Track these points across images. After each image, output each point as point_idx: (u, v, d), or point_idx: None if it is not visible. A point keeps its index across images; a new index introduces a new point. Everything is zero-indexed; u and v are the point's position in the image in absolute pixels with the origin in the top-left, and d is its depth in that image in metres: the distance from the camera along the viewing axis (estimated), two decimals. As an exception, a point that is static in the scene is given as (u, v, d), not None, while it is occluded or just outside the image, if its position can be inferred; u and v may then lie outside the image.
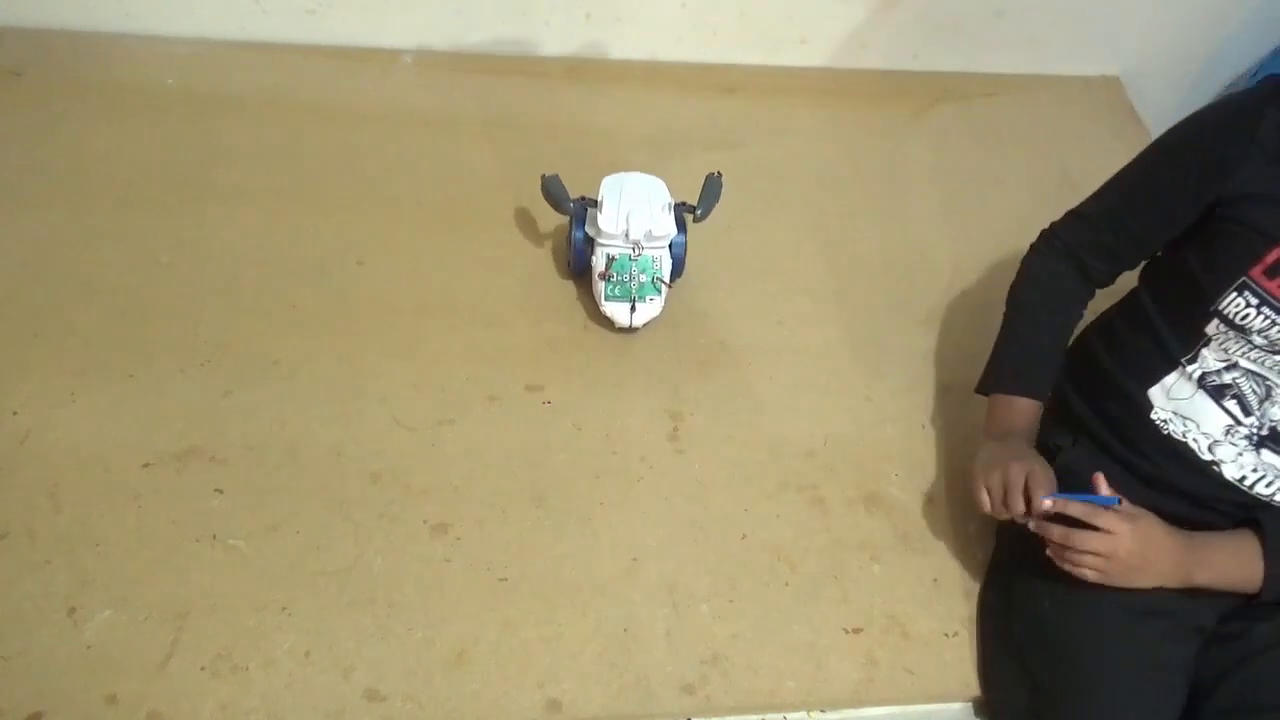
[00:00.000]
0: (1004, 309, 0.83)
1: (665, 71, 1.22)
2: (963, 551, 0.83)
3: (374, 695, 0.69)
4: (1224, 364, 0.66)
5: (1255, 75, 1.30)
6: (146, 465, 0.79)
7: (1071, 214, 0.81)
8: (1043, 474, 0.70)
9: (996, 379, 0.80)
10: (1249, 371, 0.65)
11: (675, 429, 0.88)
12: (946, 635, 0.78)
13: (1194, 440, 0.68)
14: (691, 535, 0.81)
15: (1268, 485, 0.67)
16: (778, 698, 0.73)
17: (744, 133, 1.17)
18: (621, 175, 0.91)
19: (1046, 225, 0.85)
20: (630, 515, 0.81)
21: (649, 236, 0.87)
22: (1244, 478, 0.68)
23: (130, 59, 1.12)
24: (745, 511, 0.83)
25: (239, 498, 0.78)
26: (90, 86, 1.09)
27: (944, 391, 0.95)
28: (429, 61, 1.19)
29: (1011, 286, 0.83)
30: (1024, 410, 0.77)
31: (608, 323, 0.93)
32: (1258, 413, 0.65)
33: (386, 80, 1.17)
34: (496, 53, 1.21)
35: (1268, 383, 0.65)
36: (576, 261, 0.94)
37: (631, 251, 0.88)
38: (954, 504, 0.86)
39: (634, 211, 0.87)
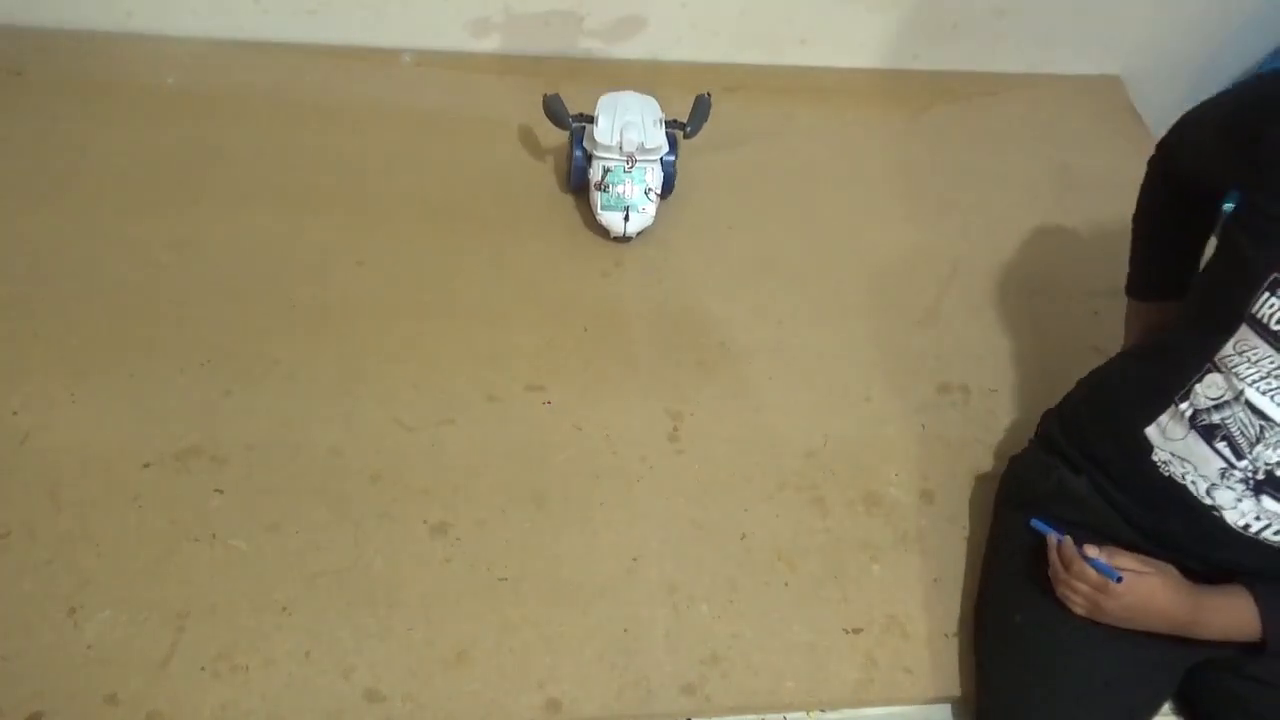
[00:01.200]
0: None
1: (665, 71, 1.22)
2: (963, 552, 0.83)
3: (374, 695, 0.69)
4: (1214, 402, 0.63)
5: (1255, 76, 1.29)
6: (146, 465, 0.79)
7: (1170, 137, 0.77)
8: None
9: (1131, 287, 0.83)
10: (1247, 406, 0.61)
11: (675, 429, 0.88)
12: (946, 635, 0.77)
13: (1193, 483, 0.65)
14: (691, 535, 0.81)
15: (1276, 534, 0.64)
16: (777, 698, 0.73)
17: (744, 133, 1.16)
18: (616, 93, 0.98)
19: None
20: (630, 515, 0.81)
21: (641, 149, 0.94)
22: (1248, 525, 0.65)
23: (130, 59, 1.12)
24: (745, 511, 0.83)
25: (239, 498, 0.78)
26: (90, 86, 1.09)
27: (944, 391, 0.95)
28: (429, 61, 1.19)
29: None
30: (1134, 313, 0.82)
31: (604, 231, 0.98)
32: (1249, 455, 0.62)
33: (386, 80, 1.17)
34: (496, 53, 1.21)
35: (1262, 421, 0.60)
36: (575, 177, 1.00)
37: (625, 164, 0.94)
38: (954, 504, 0.86)
39: (628, 126, 0.94)
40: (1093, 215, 1.14)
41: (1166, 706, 0.73)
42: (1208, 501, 0.65)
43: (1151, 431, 0.67)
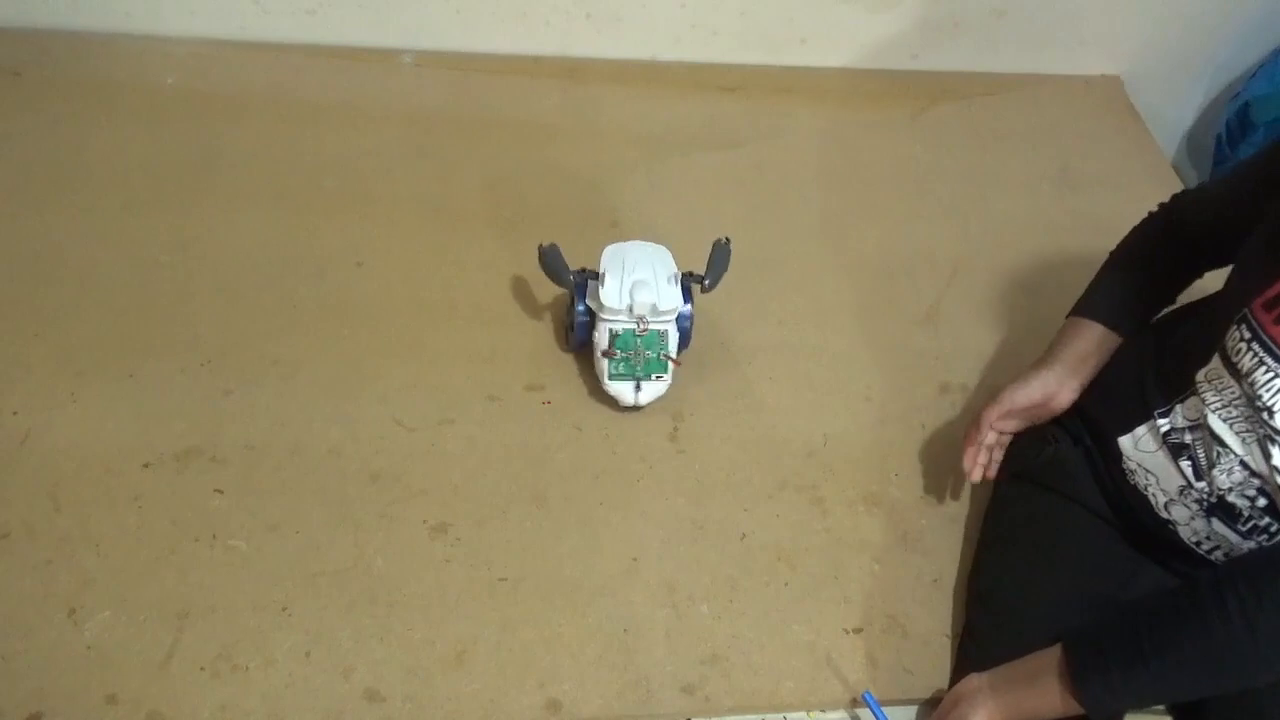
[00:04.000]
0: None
1: (665, 71, 1.21)
2: (963, 551, 0.83)
3: (374, 695, 0.69)
4: (1191, 423, 0.64)
5: (1255, 75, 1.29)
6: (146, 465, 0.79)
7: (1181, 193, 0.78)
8: (1008, 398, 0.74)
9: (1087, 308, 0.77)
10: (1209, 431, 0.62)
11: (675, 429, 0.88)
12: (946, 635, 0.77)
13: (1153, 495, 0.67)
14: (691, 535, 0.81)
15: (1225, 555, 0.65)
16: (778, 698, 0.72)
17: (744, 133, 1.16)
18: (623, 245, 0.85)
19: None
20: (630, 515, 0.81)
21: (654, 311, 0.82)
22: (1199, 543, 0.66)
23: (130, 59, 1.12)
24: (745, 511, 0.83)
25: (239, 498, 0.78)
26: (90, 86, 1.09)
27: (944, 391, 0.94)
28: (429, 61, 1.19)
29: None
30: (1075, 332, 0.75)
31: (611, 401, 0.87)
32: (1207, 478, 0.63)
33: (386, 80, 1.17)
34: (496, 53, 1.21)
35: (1219, 447, 0.61)
36: (578, 336, 0.87)
37: (636, 326, 0.82)
38: (954, 504, 0.86)
39: (639, 285, 0.81)
40: (1093, 215, 1.14)
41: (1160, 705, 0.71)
42: (1164, 515, 0.67)
43: (1125, 441, 0.69)
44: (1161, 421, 0.66)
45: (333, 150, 1.07)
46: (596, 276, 0.85)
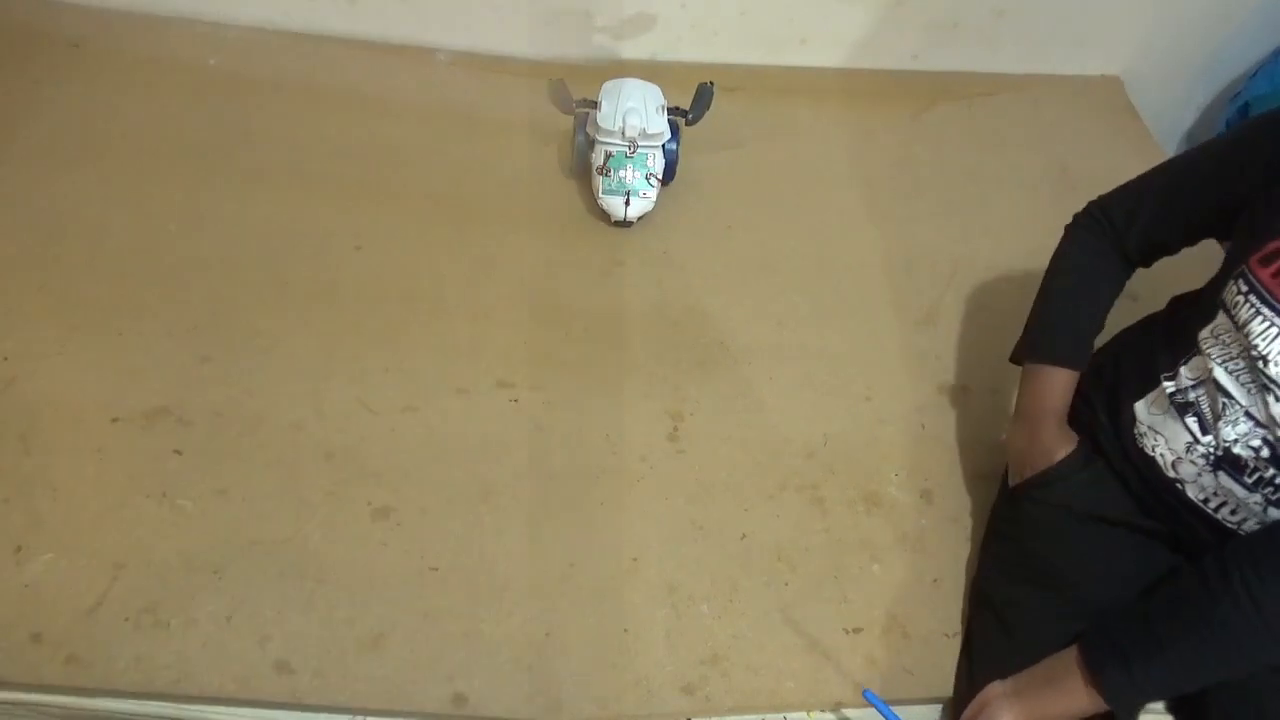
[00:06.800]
0: (1042, 279, 0.70)
1: (665, 71, 1.07)
2: (963, 551, 0.68)
3: (284, 667, 0.56)
4: (1195, 380, 0.58)
5: (1255, 75, 1.10)
6: (115, 420, 0.67)
7: (1114, 191, 0.68)
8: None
9: (1031, 347, 0.68)
10: (1215, 384, 0.56)
11: (675, 429, 0.73)
12: (946, 635, 0.64)
13: (1160, 455, 0.60)
14: (691, 535, 0.67)
15: (1232, 512, 0.58)
16: (778, 698, 0.60)
17: (744, 133, 1.01)
18: (620, 80, 0.86)
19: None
20: (630, 515, 0.67)
21: (643, 135, 0.83)
22: (1206, 500, 0.59)
23: (179, 38, 1.02)
24: (745, 511, 0.69)
25: (195, 460, 0.65)
26: (139, 61, 0.98)
27: (944, 391, 0.79)
28: (464, 61, 1.06)
29: (1052, 257, 0.69)
30: (1057, 383, 0.65)
31: (605, 216, 0.86)
32: (1213, 431, 0.56)
33: (419, 77, 1.03)
34: (505, 53, 1.07)
35: (1225, 399, 0.55)
36: (578, 162, 0.88)
37: (627, 149, 0.83)
38: (954, 504, 0.71)
39: (630, 111, 0.82)
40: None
41: (1160, 706, 0.60)
42: (1171, 474, 0.60)
43: (1139, 406, 0.62)
44: (1168, 384, 0.60)
45: (354, 138, 0.94)
46: (596, 106, 0.85)
